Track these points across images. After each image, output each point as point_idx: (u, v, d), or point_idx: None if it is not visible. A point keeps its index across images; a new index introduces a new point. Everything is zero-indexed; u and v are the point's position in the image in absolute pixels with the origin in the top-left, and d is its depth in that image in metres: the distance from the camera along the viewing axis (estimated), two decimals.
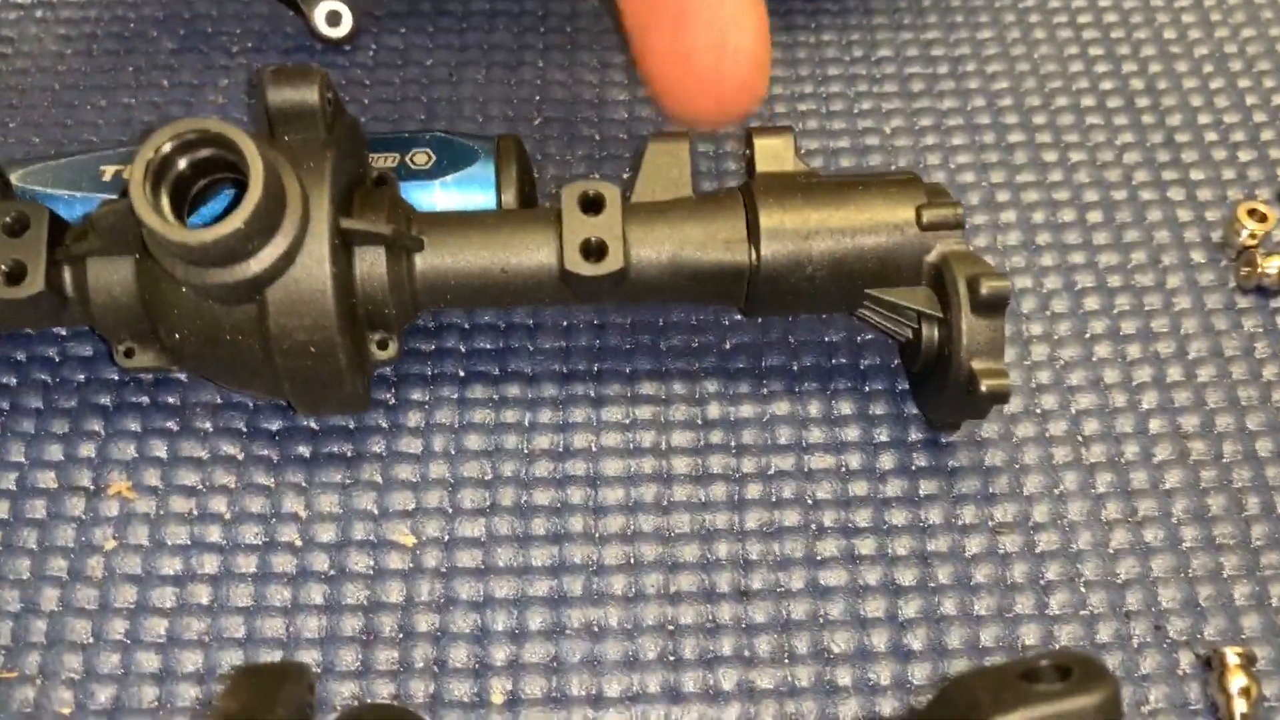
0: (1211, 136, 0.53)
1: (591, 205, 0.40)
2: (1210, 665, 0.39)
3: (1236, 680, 0.38)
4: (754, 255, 0.41)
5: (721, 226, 0.41)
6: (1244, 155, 0.52)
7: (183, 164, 0.35)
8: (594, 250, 0.40)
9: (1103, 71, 0.55)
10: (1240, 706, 0.38)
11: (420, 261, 0.40)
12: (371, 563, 0.41)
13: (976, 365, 0.39)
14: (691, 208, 0.41)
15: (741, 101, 0.40)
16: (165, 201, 0.35)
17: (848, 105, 0.54)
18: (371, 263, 0.39)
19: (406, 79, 0.54)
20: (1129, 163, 0.52)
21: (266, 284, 0.37)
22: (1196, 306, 0.48)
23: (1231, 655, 0.38)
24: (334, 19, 0.54)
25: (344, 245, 0.38)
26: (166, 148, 0.34)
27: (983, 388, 0.38)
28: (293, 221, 0.36)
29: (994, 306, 0.39)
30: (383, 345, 0.41)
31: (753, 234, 0.41)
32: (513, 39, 0.56)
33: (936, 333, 0.41)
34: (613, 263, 0.39)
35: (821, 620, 0.40)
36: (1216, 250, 0.49)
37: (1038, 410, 0.45)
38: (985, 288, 0.38)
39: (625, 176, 0.51)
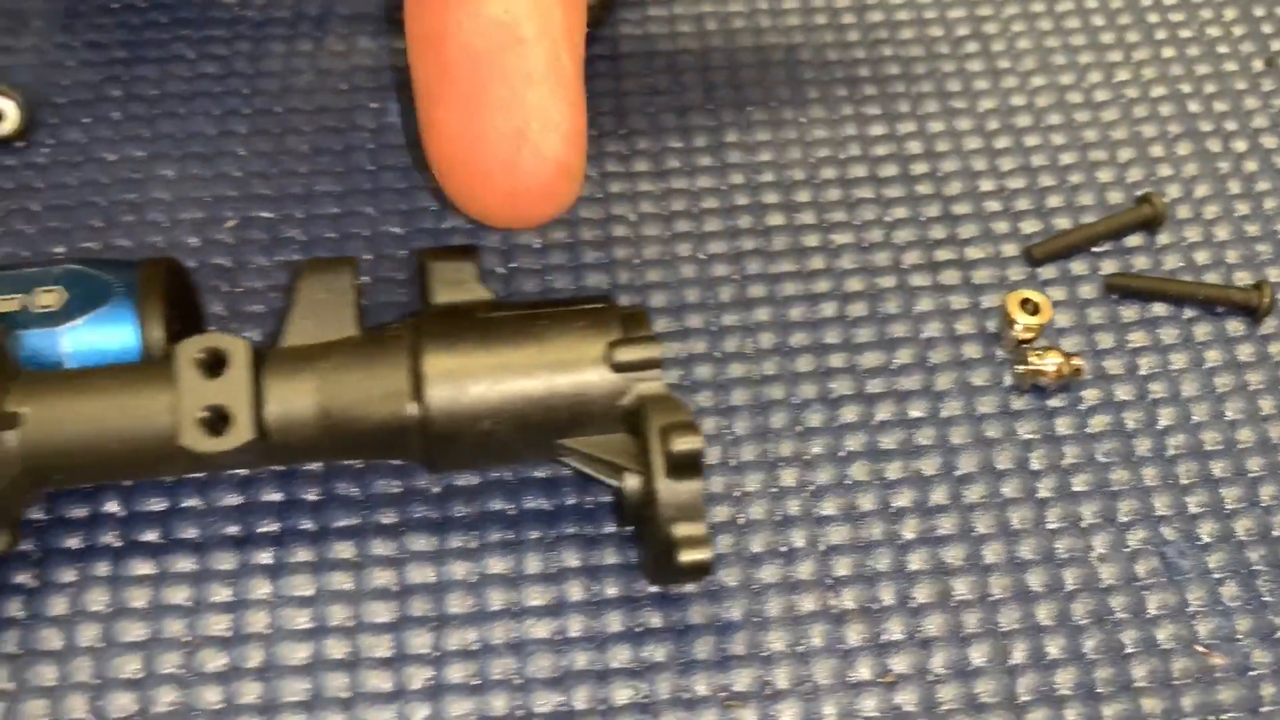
0: (993, 206, 0.48)
1: (212, 366, 0.34)
2: None
3: None
4: (420, 410, 0.35)
5: (381, 375, 0.35)
6: (1028, 227, 0.47)
7: None
8: (216, 422, 0.33)
9: (877, 135, 0.49)
10: None
11: (16, 439, 0.34)
12: None
13: (675, 532, 0.33)
14: (349, 352, 0.35)
15: (540, 207, 0.36)
16: None
17: (592, 189, 0.47)
18: None
19: (85, 180, 0.47)
20: (899, 242, 0.46)
21: None
22: (967, 412, 0.42)
23: None
24: None
25: None
26: None
27: (680, 559, 0.33)
28: None
29: (689, 466, 0.33)
30: None
31: (416, 383, 0.35)
32: (213, 126, 0.49)
33: (640, 484, 0.35)
34: (240, 434, 0.33)
35: None
36: (992, 342, 0.44)
37: (784, 548, 0.39)
38: (677, 446, 0.33)
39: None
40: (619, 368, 0.35)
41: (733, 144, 0.49)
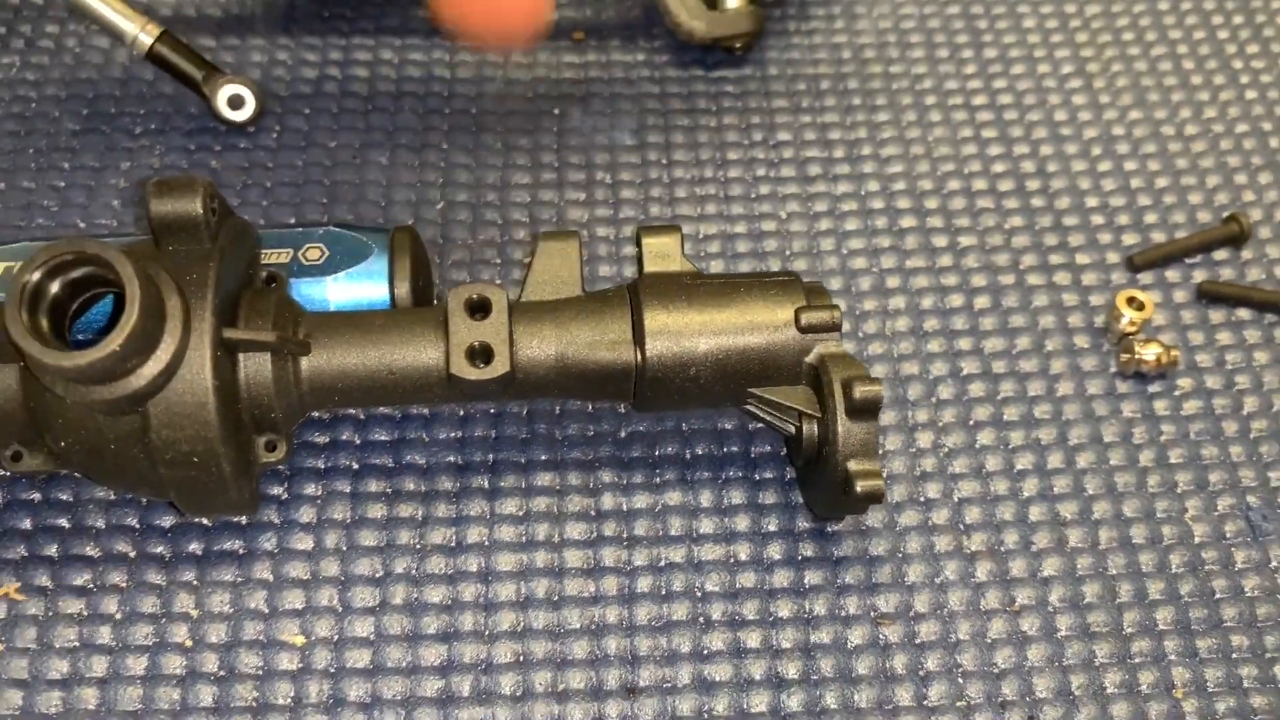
0: (1098, 220, 0.54)
1: (479, 309, 0.41)
2: None
3: None
4: (639, 355, 0.42)
5: (608, 327, 0.42)
6: (1128, 239, 0.54)
7: (55, 288, 0.35)
8: (480, 354, 0.40)
9: (995, 154, 0.56)
10: None
11: (307, 364, 0.41)
12: (261, 663, 0.42)
13: (852, 466, 0.40)
14: (579, 308, 0.42)
15: (523, 23, 0.44)
16: (44, 322, 0.35)
17: (746, 189, 0.55)
18: (257, 369, 0.39)
19: (310, 162, 0.55)
20: (1017, 246, 0.53)
21: (148, 398, 0.37)
22: (1078, 392, 0.49)
23: None
24: (237, 102, 0.54)
25: (228, 353, 0.39)
26: (37, 275, 0.34)
27: (857, 489, 0.40)
28: (174, 335, 0.36)
29: (867, 410, 0.40)
30: (271, 447, 0.41)
31: (638, 335, 0.42)
32: (418, 122, 0.56)
33: (816, 430, 0.42)
34: (499, 367, 0.40)
35: (706, 716, 0.41)
36: (1099, 335, 0.51)
37: (921, 498, 0.46)
38: (858, 392, 0.39)
39: (527, 261, 0.51)
40: (805, 329, 0.41)
41: (867, 156, 0.56)
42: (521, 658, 0.42)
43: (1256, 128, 0.58)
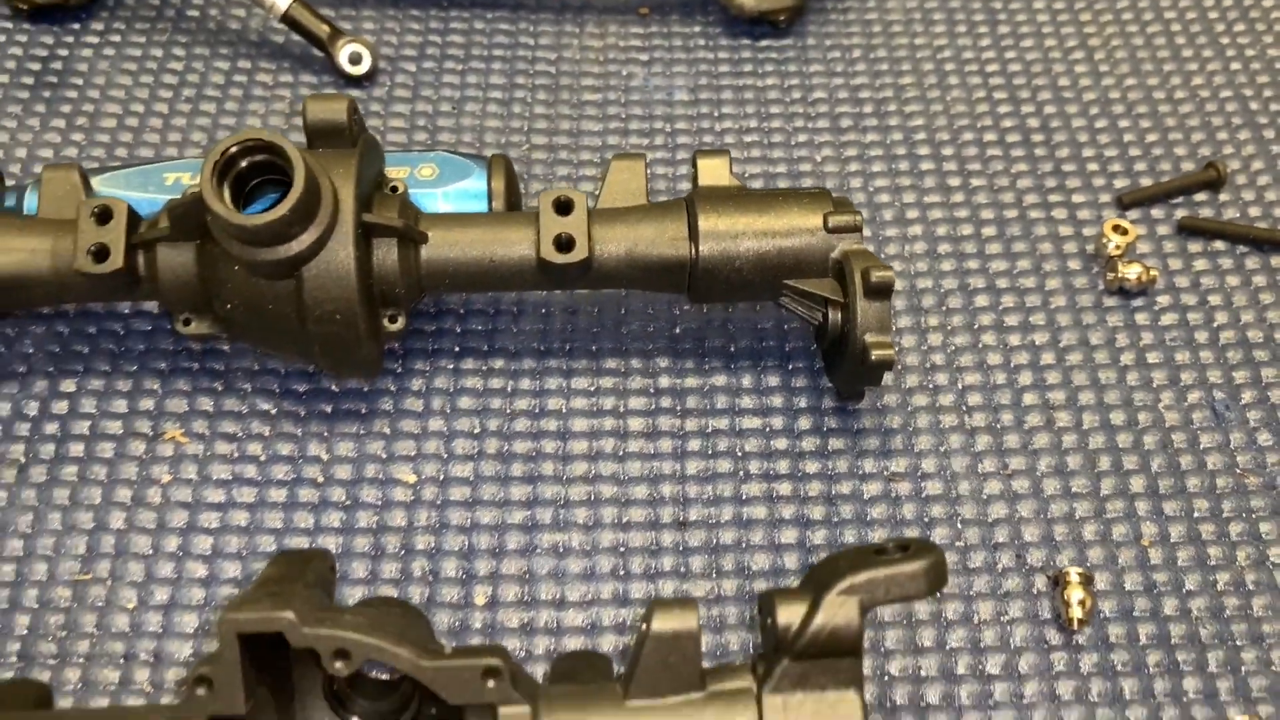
0: (1093, 167, 0.63)
1: (563, 208, 0.50)
2: (1056, 583, 0.48)
3: (1075, 594, 0.47)
4: (694, 251, 0.50)
5: (668, 227, 0.51)
6: (1119, 183, 0.62)
7: (244, 164, 0.45)
8: (564, 244, 0.49)
9: (1004, 112, 0.65)
10: (1077, 613, 0.47)
11: (425, 252, 0.50)
12: (380, 495, 0.51)
13: (868, 339, 0.48)
14: (645, 212, 0.51)
15: None
16: (227, 193, 0.44)
17: (786, 138, 0.64)
18: (386, 251, 0.49)
19: (416, 110, 0.64)
20: (1021, 187, 0.62)
21: (303, 263, 0.46)
22: (1070, 305, 0.57)
23: (1073, 574, 0.48)
24: (356, 58, 0.64)
25: (364, 235, 0.48)
26: (233, 149, 0.44)
27: (872, 356, 0.48)
28: (326, 213, 0.46)
29: (882, 292, 0.48)
30: (393, 320, 0.50)
31: (693, 234, 0.50)
32: (505, 80, 0.66)
33: (840, 316, 0.50)
34: (579, 253, 0.49)
35: (744, 545, 0.50)
36: (1090, 260, 0.59)
37: (930, 385, 0.54)
38: (874, 276, 0.48)
39: (596, 192, 0.61)
40: (832, 230, 0.50)
41: (893, 113, 0.65)
42: (592, 496, 0.51)
43: (1237, 90, 0.66)
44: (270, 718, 0.40)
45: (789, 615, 0.36)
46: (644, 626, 0.37)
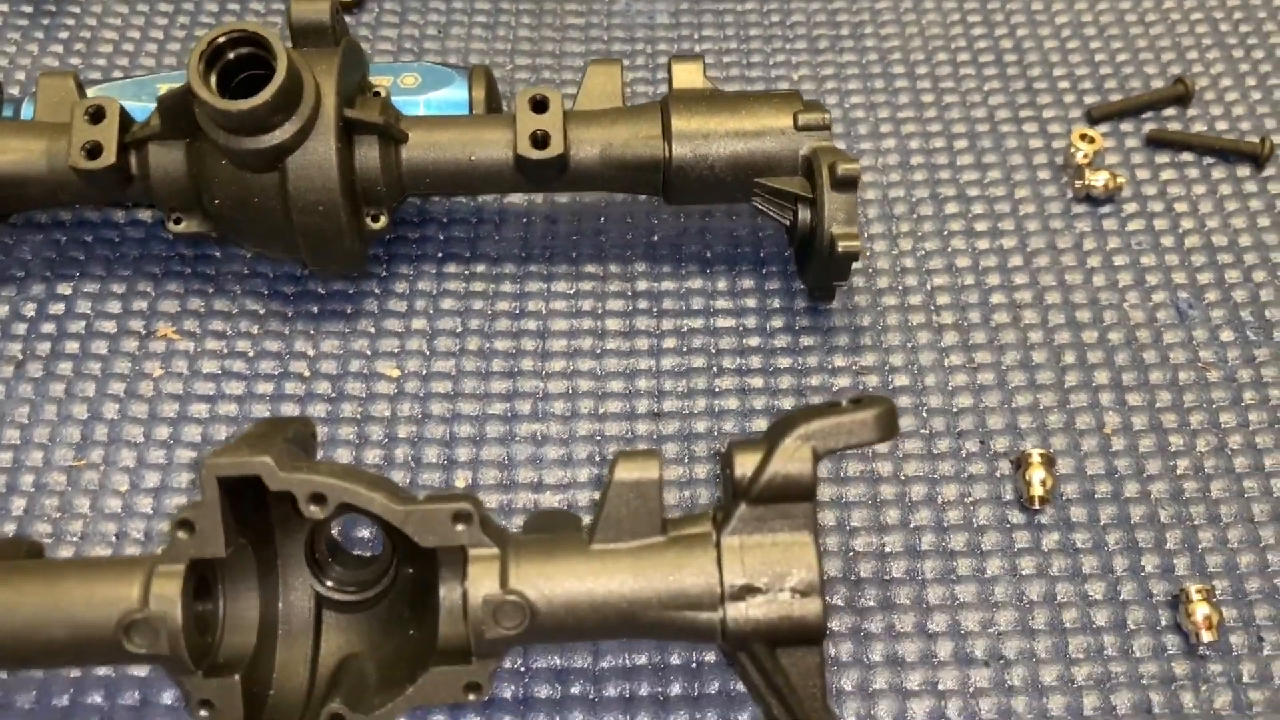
0: (1064, 84, 0.64)
1: (539, 106, 0.51)
2: (1019, 465, 0.49)
3: (1037, 474, 0.49)
4: (668, 151, 0.52)
5: (643, 128, 0.52)
6: (1090, 98, 0.63)
7: (230, 56, 0.46)
8: (540, 140, 0.51)
9: (978, 34, 0.66)
10: (1038, 491, 0.48)
11: (405, 152, 0.51)
12: (364, 389, 0.52)
13: (835, 230, 0.50)
14: (620, 114, 0.53)
15: None
16: (213, 81, 0.46)
17: (764, 58, 0.65)
18: (367, 148, 0.50)
19: (403, 34, 0.66)
20: (993, 104, 0.63)
21: (287, 154, 0.48)
22: (1039, 212, 0.59)
23: (1035, 455, 0.49)
24: None
25: (346, 130, 0.50)
26: (220, 39, 0.46)
27: (840, 247, 0.49)
28: (308, 105, 0.47)
29: (848, 183, 0.50)
30: (375, 219, 0.52)
31: (666, 134, 0.52)
32: (491, 3, 0.67)
33: (809, 213, 0.52)
34: (555, 149, 0.51)
35: (716, 434, 0.51)
36: (1059, 170, 0.60)
37: (900, 286, 0.56)
38: (841, 169, 0.49)
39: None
40: (801, 128, 0.51)
41: (869, 34, 0.66)
42: (570, 390, 0.52)
43: (1207, 11, 0.67)
44: (251, 578, 0.41)
45: (746, 463, 0.38)
46: (610, 476, 0.38)
